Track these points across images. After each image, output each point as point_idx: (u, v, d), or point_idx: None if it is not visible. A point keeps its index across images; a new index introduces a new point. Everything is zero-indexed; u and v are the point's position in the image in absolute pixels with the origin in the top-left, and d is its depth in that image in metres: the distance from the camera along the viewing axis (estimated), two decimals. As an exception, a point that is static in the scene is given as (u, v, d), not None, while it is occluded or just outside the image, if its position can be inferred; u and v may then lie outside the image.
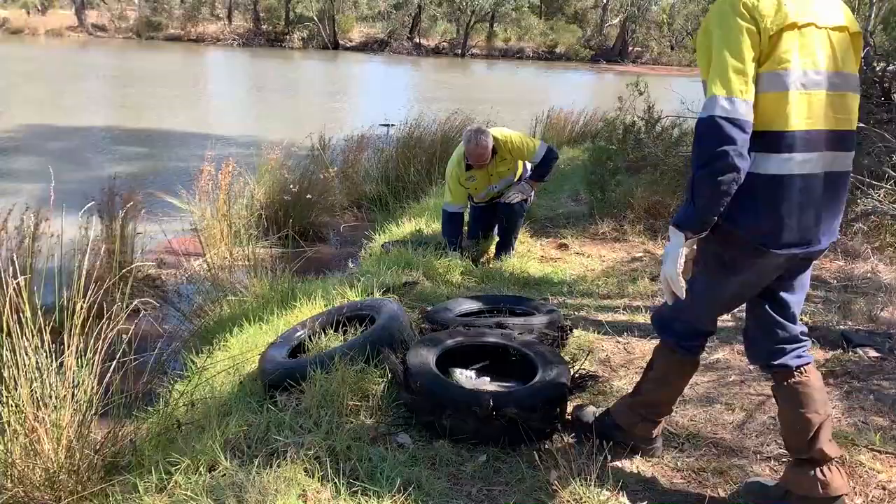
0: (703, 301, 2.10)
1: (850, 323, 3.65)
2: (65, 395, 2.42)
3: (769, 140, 1.82)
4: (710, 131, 1.78)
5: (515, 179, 5.08)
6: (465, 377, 2.87)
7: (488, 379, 2.90)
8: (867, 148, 5.07)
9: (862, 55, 2.25)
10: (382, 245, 5.29)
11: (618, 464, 2.35)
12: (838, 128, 1.88)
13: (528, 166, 5.07)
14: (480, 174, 4.99)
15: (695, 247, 2.00)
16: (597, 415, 2.55)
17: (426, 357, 2.71)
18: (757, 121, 1.80)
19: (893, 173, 4.95)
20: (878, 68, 6.14)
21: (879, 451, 2.40)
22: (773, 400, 2.77)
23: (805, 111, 1.82)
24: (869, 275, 4.40)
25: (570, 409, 2.63)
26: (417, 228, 5.78)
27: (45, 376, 2.40)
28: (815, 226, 1.89)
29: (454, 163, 5.04)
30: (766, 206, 1.85)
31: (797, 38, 1.81)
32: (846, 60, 1.90)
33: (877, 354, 3.19)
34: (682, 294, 1.95)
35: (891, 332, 3.43)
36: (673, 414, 2.71)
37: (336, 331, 3.27)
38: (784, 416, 2.12)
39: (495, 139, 4.84)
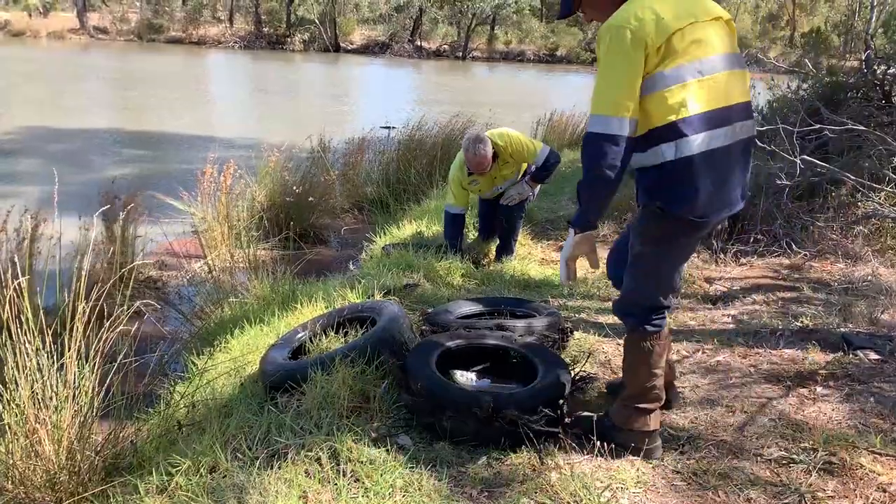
0: (660, 277, 2.34)
1: (850, 325, 3.65)
2: (66, 397, 2.43)
3: (677, 128, 2.07)
4: (589, 148, 2.10)
5: (518, 178, 5.08)
6: (466, 379, 2.87)
7: (489, 381, 2.90)
8: (868, 151, 5.07)
9: (862, 58, 2.56)
10: (383, 247, 5.30)
11: (618, 465, 2.35)
12: (738, 100, 2.17)
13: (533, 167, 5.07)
14: (483, 178, 4.99)
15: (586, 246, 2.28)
16: (597, 417, 2.56)
17: (427, 359, 2.71)
18: (662, 114, 2.07)
19: (894, 176, 4.95)
20: (878, 71, 6.15)
21: (880, 454, 2.40)
22: (774, 402, 2.79)
23: (705, 95, 2.09)
24: (870, 277, 4.40)
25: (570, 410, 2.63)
26: (418, 231, 5.79)
27: (46, 377, 2.40)
28: (734, 189, 2.21)
29: (456, 167, 5.04)
30: (691, 185, 2.11)
31: (683, 38, 2.07)
32: (729, 44, 2.19)
33: (877, 357, 3.19)
34: (566, 279, 2.37)
35: (891, 334, 3.42)
36: (674, 416, 2.72)
37: (337, 333, 3.27)
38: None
39: (496, 145, 4.81)
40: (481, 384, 2.86)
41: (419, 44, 42.65)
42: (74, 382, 2.45)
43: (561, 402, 2.54)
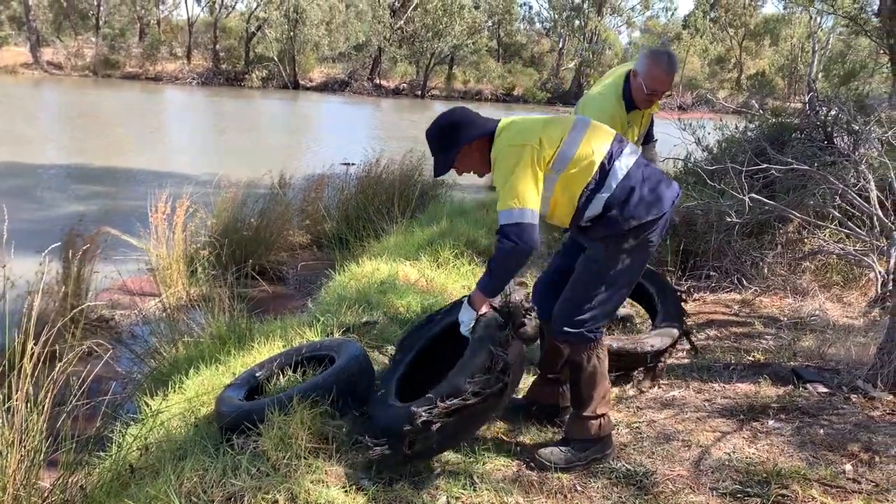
0: (626, 288, 2.72)
1: (800, 360, 3.75)
2: (12, 441, 2.35)
3: (598, 179, 2.53)
4: (506, 237, 2.44)
5: None
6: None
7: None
8: (812, 189, 5.26)
9: (806, 100, 2.70)
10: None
11: (577, 502, 2.36)
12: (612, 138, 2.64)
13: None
14: (636, 120, 3.73)
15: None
16: (557, 452, 2.61)
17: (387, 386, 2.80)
18: (581, 180, 2.54)
19: (837, 214, 5.13)
20: (820, 113, 6.40)
21: (830, 485, 2.46)
22: (728, 436, 2.84)
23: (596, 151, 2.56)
24: (817, 312, 4.54)
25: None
26: (375, 269, 5.72)
27: (-9, 421, 2.33)
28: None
29: (611, 91, 3.63)
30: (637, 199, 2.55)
31: (562, 145, 2.54)
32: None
33: (826, 390, 3.28)
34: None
35: (839, 368, 3.52)
36: (631, 451, 2.75)
37: (295, 371, 3.23)
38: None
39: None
40: None
41: (378, 82, 43.00)
42: (22, 426, 2.38)
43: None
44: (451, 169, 2.73)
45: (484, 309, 2.60)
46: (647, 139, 4.04)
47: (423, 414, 2.40)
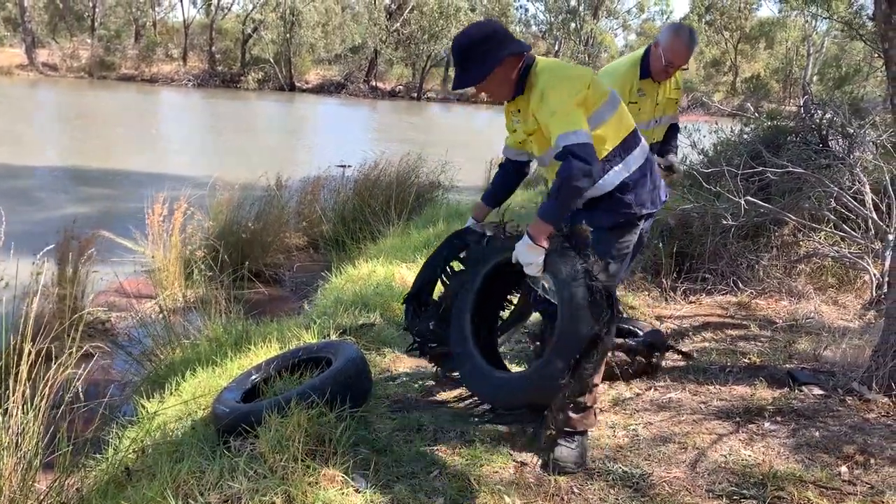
0: (627, 263, 2.86)
1: (795, 362, 3.76)
2: (8, 444, 2.35)
3: (620, 154, 2.61)
4: (574, 156, 2.36)
5: None
6: None
7: None
8: (807, 192, 5.28)
9: (801, 103, 2.75)
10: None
11: (576, 498, 2.37)
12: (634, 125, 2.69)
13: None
14: (650, 92, 3.72)
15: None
16: (567, 450, 2.60)
17: None
18: (607, 146, 2.56)
19: (832, 217, 5.15)
20: (815, 116, 6.43)
21: (826, 487, 2.47)
22: (725, 438, 2.85)
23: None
24: (812, 315, 4.55)
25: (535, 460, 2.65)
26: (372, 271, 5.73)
27: (-13, 424, 2.33)
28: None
29: (625, 63, 3.76)
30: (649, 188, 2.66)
31: (601, 105, 2.58)
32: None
33: (821, 392, 3.29)
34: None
35: (834, 370, 3.54)
36: (628, 453, 2.76)
37: (292, 374, 3.24)
38: None
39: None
40: None
41: (374, 84, 43.03)
42: (18, 429, 2.38)
43: None
44: (476, 84, 2.55)
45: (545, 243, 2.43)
46: (667, 144, 4.02)
47: (572, 382, 2.31)
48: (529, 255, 2.44)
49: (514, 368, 3.38)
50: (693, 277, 5.32)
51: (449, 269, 3.10)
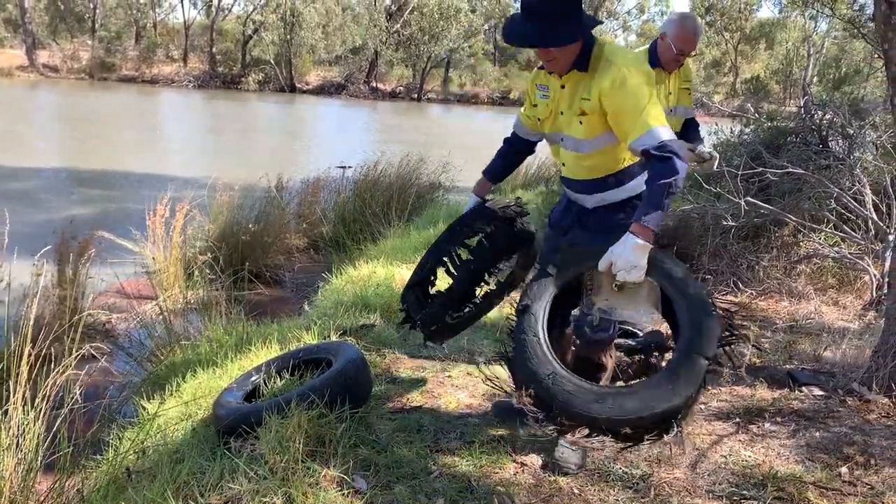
0: None
1: (795, 363, 3.76)
2: (8, 445, 2.35)
3: None
4: (675, 154, 2.21)
5: None
6: None
7: None
8: (807, 193, 5.28)
9: (801, 104, 2.67)
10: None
11: (576, 499, 2.37)
12: None
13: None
14: (660, 81, 3.70)
15: None
16: (569, 452, 2.60)
17: None
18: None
19: (832, 217, 5.16)
20: (815, 117, 6.43)
21: (826, 488, 2.47)
22: (725, 439, 2.85)
23: None
24: (813, 315, 4.55)
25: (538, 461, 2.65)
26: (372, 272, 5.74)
27: (-12, 425, 2.33)
28: None
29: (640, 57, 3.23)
30: None
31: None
32: None
33: (822, 393, 3.29)
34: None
35: (834, 371, 3.54)
36: (628, 453, 2.75)
37: (292, 375, 3.24)
38: None
39: None
40: None
41: (374, 85, 43.04)
42: (18, 430, 2.38)
43: None
44: (558, 45, 2.25)
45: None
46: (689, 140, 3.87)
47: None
48: (638, 257, 2.18)
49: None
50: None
51: (455, 257, 2.96)
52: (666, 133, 2.22)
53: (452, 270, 2.95)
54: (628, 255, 2.18)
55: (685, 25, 3.62)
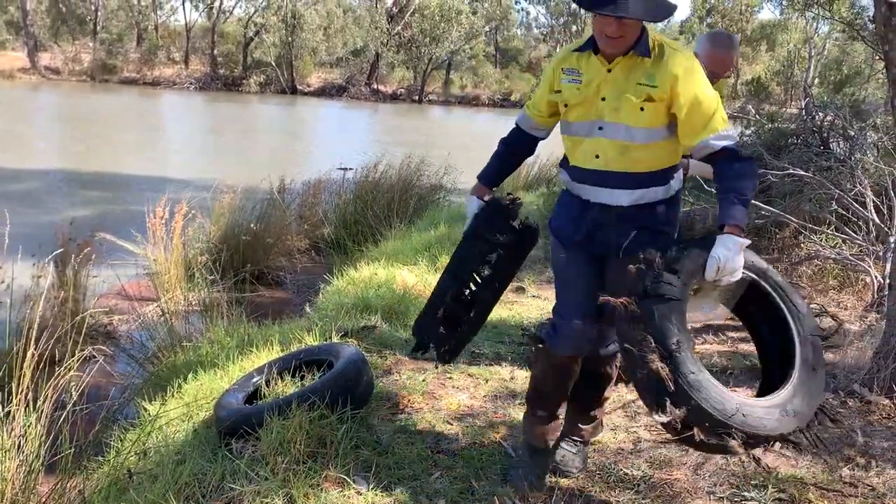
0: None
1: (796, 364, 3.75)
2: (10, 446, 2.35)
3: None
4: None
5: None
6: None
7: None
8: (808, 194, 5.28)
9: (802, 106, 2.61)
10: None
11: (577, 500, 2.37)
12: None
13: None
14: None
15: None
16: (571, 455, 2.61)
17: None
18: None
19: (833, 219, 5.16)
20: (817, 119, 6.44)
21: (827, 489, 2.47)
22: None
23: None
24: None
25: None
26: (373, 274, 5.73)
27: (-11, 427, 2.33)
28: None
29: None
30: None
31: None
32: None
33: (823, 394, 3.28)
34: None
35: (835, 372, 3.53)
36: (629, 456, 2.76)
37: (293, 376, 3.24)
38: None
39: None
40: None
41: (376, 87, 43.05)
42: (20, 431, 2.38)
43: None
44: (652, 19, 2.09)
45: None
46: None
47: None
48: (741, 258, 2.15)
49: None
50: (694, 279, 5.32)
51: (476, 277, 2.61)
52: (735, 134, 2.23)
53: (477, 291, 2.64)
54: (735, 258, 2.11)
55: (715, 46, 3.36)
